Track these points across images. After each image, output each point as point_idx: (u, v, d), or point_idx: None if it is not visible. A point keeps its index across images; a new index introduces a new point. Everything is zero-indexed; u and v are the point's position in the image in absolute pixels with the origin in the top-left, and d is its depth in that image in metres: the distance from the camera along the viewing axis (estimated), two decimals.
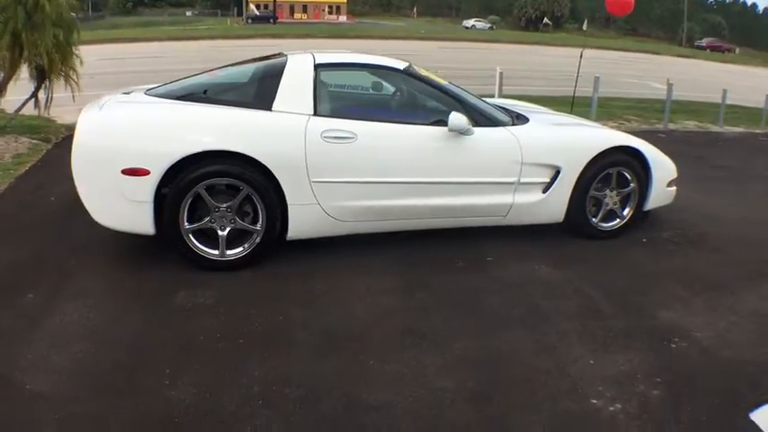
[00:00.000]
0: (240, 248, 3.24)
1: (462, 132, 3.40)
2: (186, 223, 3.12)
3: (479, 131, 3.51)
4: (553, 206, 3.79)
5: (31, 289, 2.97)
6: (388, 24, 48.92)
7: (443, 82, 3.73)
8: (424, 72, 3.65)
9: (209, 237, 3.20)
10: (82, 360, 2.42)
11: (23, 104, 6.49)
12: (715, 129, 10.04)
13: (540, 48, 31.05)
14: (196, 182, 3.03)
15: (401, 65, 3.60)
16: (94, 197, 3.07)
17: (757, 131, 10.14)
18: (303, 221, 3.28)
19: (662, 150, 4.27)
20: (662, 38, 57.97)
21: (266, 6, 51.73)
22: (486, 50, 25.94)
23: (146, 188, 2.99)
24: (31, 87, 6.40)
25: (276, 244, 3.33)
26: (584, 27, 13.25)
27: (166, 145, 3.01)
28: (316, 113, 3.23)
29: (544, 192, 3.73)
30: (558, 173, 3.71)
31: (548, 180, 3.72)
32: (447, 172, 3.49)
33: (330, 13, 58.28)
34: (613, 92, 8.85)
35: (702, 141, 8.60)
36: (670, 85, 9.62)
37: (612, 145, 3.82)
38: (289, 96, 3.23)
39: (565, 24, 58.41)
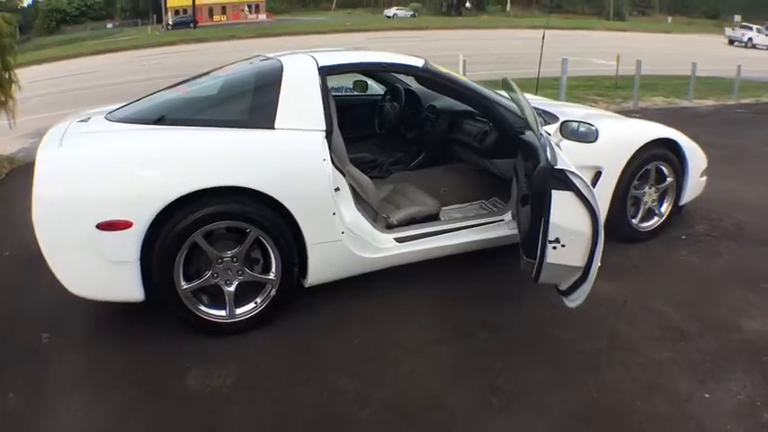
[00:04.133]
0: (252, 304, 2.84)
1: None
2: (184, 282, 2.69)
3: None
4: None
5: (10, 385, 2.48)
6: (309, 20, 49.65)
7: (465, 79, 3.46)
8: (443, 69, 3.37)
9: (212, 294, 2.78)
10: None
11: None
12: (685, 103, 10.37)
13: (472, 32, 31.67)
14: (191, 229, 2.60)
15: (418, 61, 3.29)
16: (65, 261, 2.57)
17: (729, 103, 10.55)
18: (326, 263, 2.92)
19: None
20: (588, 13, 60.43)
21: (185, 11, 53.04)
22: (418, 39, 26.10)
23: (129, 244, 2.54)
24: None
25: (294, 294, 2.96)
26: (508, 8, 13.46)
27: (150, 186, 2.56)
28: (329, 130, 2.88)
29: None
30: (599, 174, 3.53)
31: None
32: None
33: (250, 12, 59.17)
34: (557, 72, 8.95)
35: (681, 118, 8.79)
36: (638, 62, 9.83)
37: (652, 138, 3.68)
38: (293, 110, 2.85)
39: (486, 7, 60.01)
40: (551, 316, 3.02)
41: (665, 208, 3.99)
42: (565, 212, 2.38)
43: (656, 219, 3.97)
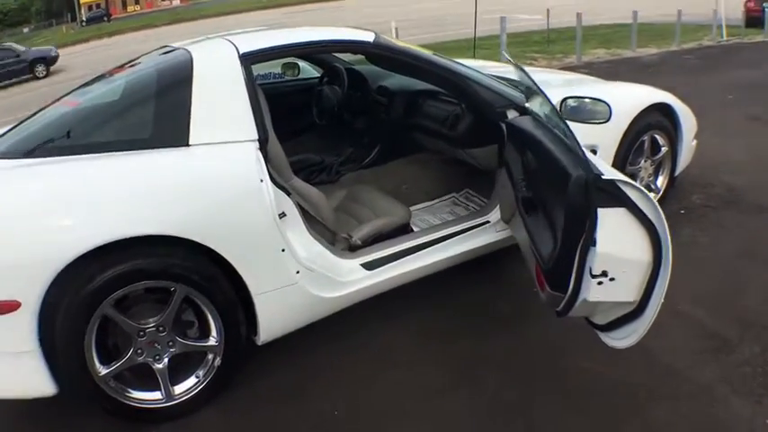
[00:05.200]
0: (193, 379, 2.21)
1: None
2: (101, 367, 2.04)
3: None
4: None
5: None
6: (224, 0, 48.75)
7: (426, 52, 2.85)
8: (398, 42, 2.75)
9: (141, 374, 2.15)
10: None
11: None
12: (629, 54, 10.15)
13: None
14: (97, 299, 1.95)
15: (367, 36, 2.66)
16: None
17: (673, 49, 10.40)
18: (281, 314, 2.31)
19: None
20: None
21: (98, 5, 53.39)
22: (340, 10, 25.35)
23: (20, 331, 1.88)
24: None
25: (243, 357, 2.35)
26: None
27: (34, 249, 1.88)
28: (264, 138, 2.25)
29: None
30: (593, 154, 3.04)
31: None
32: None
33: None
34: (486, 31, 8.60)
35: (631, 70, 8.56)
36: (579, 15, 9.50)
37: (647, 104, 3.24)
38: (213, 117, 2.20)
39: None
40: (563, 341, 2.55)
41: (662, 182, 3.61)
42: (616, 237, 1.84)
43: (652, 195, 3.54)
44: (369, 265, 2.55)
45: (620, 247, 1.82)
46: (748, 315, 2.66)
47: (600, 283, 1.84)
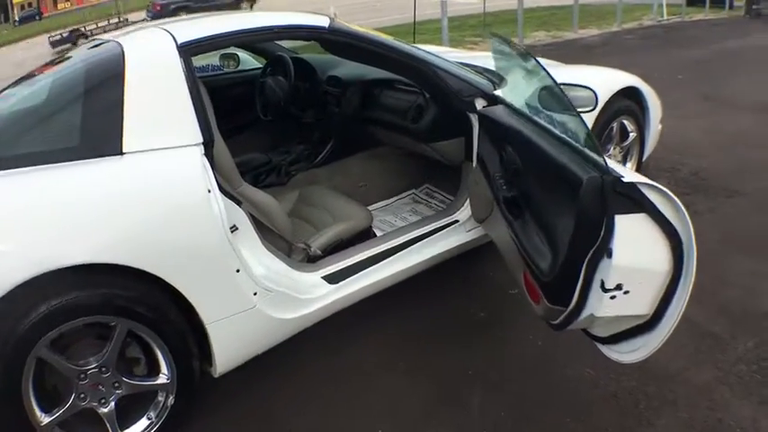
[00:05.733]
0: (144, 420, 1.95)
1: None
2: (43, 415, 1.76)
3: None
4: None
5: None
6: None
7: (386, 37, 2.62)
8: (356, 28, 2.50)
9: (89, 418, 1.87)
10: None
11: None
12: (571, 35, 10.18)
13: None
14: (28, 342, 1.67)
15: (322, 21, 2.41)
16: None
17: (614, 30, 10.50)
18: (239, 341, 2.06)
19: None
20: None
21: (30, 4, 52.25)
22: None
23: None
24: None
25: (197, 392, 2.08)
26: None
27: None
28: (209, 140, 1.99)
29: None
30: None
31: None
32: None
33: None
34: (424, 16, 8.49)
35: (575, 52, 8.57)
36: None
37: (617, 89, 3.12)
38: (149, 119, 1.91)
39: None
40: (550, 346, 2.41)
41: (630, 168, 3.47)
42: (634, 246, 1.66)
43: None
44: (332, 278, 2.33)
45: (638, 257, 1.64)
46: (737, 310, 2.58)
47: (613, 297, 1.67)
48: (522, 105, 2.31)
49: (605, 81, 3.14)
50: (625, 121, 3.30)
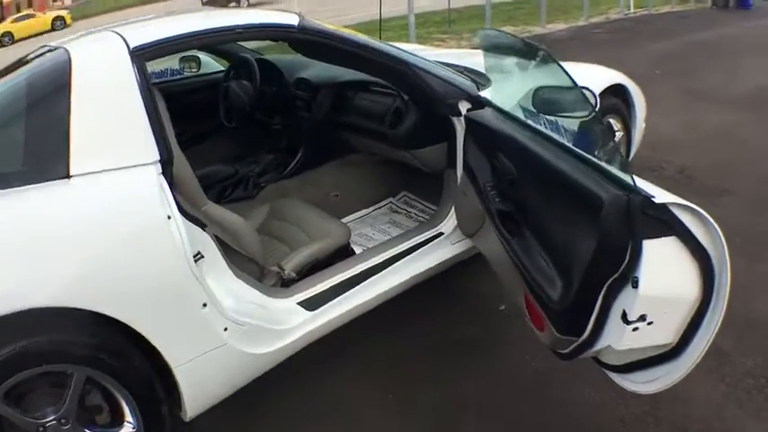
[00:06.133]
0: None
1: None
2: None
3: None
4: None
5: None
6: None
7: (362, 36, 2.42)
8: (328, 26, 2.30)
9: None
10: None
11: None
12: (539, 30, 10.15)
13: None
14: None
15: (291, 19, 2.18)
16: None
17: (581, 24, 10.48)
18: (209, 383, 1.87)
19: None
20: None
21: None
22: None
23: None
24: None
25: None
26: None
27: None
28: (167, 158, 1.78)
29: None
30: None
31: None
32: None
33: (54, 0, 56.99)
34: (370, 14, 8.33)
35: (546, 46, 8.48)
36: None
37: (605, 86, 3.02)
38: (98, 136, 1.70)
39: None
40: (546, 367, 2.26)
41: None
42: (662, 274, 1.49)
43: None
44: (309, 304, 2.14)
45: (666, 285, 1.48)
46: (741, 319, 2.45)
47: (635, 329, 1.51)
48: (516, 108, 2.15)
49: (594, 79, 3.01)
50: (611, 120, 3.19)
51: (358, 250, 2.60)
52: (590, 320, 1.57)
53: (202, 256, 1.82)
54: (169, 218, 1.67)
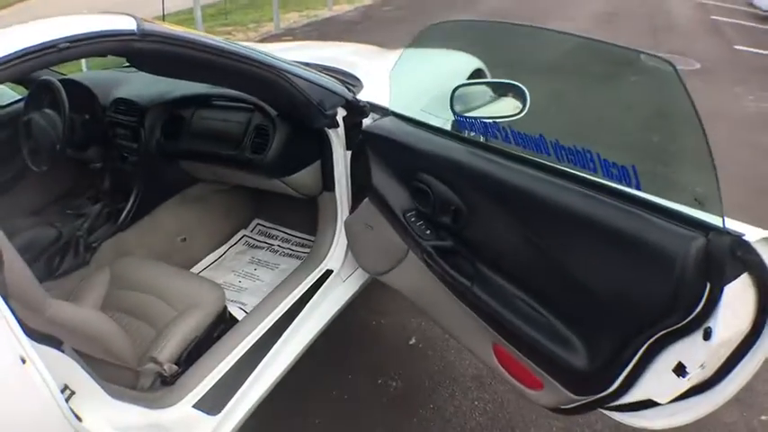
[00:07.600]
0: None
1: None
2: None
3: None
4: None
5: None
6: None
7: (217, 38, 1.90)
8: (173, 27, 1.74)
9: None
10: None
11: None
12: (326, 14, 10.00)
13: None
14: None
15: (127, 23, 1.52)
16: None
17: (367, 3, 10.52)
18: None
19: None
20: None
21: None
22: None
23: None
24: None
25: None
26: None
27: None
28: None
29: None
30: None
31: None
32: None
33: None
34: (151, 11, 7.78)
35: (340, 30, 8.37)
36: None
37: (471, 72, 2.86)
38: None
39: None
40: (495, 410, 2.07)
41: None
42: (735, 316, 1.24)
43: None
44: (208, 405, 1.70)
45: (736, 329, 1.26)
46: None
47: (690, 379, 1.27)
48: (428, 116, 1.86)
49: (458, 66, 2.84)
50: None
51: (236, 311, 2.19)
52: (620, 375, 1.33)
53: (72, 392, 1.29)
54: (24, 361, 1.12)
